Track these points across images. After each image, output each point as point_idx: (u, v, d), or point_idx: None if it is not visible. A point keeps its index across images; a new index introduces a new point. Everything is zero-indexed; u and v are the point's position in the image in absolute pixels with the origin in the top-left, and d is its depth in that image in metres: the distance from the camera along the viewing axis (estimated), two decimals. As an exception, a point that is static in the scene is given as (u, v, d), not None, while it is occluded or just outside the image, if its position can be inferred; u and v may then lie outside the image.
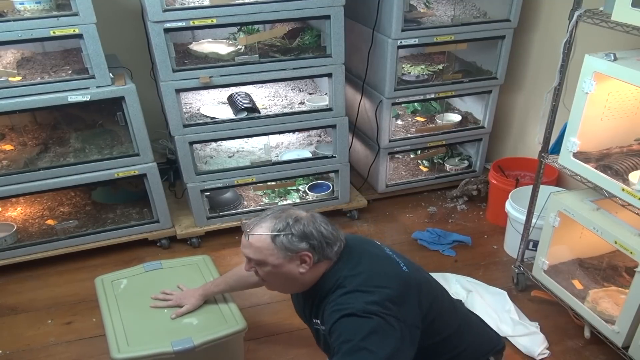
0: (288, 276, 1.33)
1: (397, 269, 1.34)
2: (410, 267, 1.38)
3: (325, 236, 1.30)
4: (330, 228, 1.33)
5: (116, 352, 1.60)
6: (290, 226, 1.29)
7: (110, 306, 1.80)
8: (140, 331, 1.69)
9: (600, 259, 2.13)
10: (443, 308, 1.41)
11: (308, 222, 1.31)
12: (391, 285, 1.27)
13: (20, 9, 2.12)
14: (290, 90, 2.93)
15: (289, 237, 1.28)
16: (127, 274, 1.96)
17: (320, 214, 1.39)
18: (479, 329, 1.53)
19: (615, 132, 1.86)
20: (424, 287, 1.35)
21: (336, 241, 1.32)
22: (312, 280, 1.36)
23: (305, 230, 1.29)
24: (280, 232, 1.28)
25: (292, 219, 1.31)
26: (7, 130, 2.64)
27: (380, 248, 1.45)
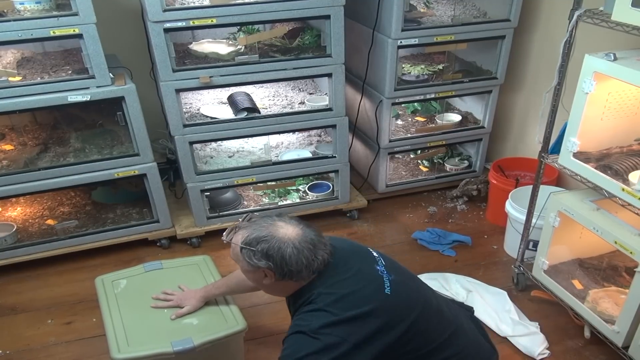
0: (258, 283, 1.40)
1: (376, 292, 1.33)
2: (397, 287, 1.36)
3: (287, 262, 1.30)
4: (307, 255, 1.31)
5: (116, 352, 1.60)
6: (258, 243, 1.32)
7: (111, 306, 1.80)
8: (140, 331, 1.69)
9: (600, 259, 2.13)
10: (426, 327, 1.38)
11: (277, 243, 1.31)
12: (360, 309, 1.27)
13: (20, 9, 2.12)
14: (290, 90, 2.93)
15: (252, 253, 1.32)
16: (127, 274, 1.95)
17: (314, 232, 1.37)
18: (468, 341, 1.48)
19: (615, 132, 1.86)
20: (401, 311, 1.33)
21: (302, 269, 1.31)
22: (286, 290, 1.39)
23: (269, 252, 1.31)
24: (245, 246, 1.33)
25: (264, 235, 1.32)
26: (7, 130, 2.64)
27: (371, 264, 1.40)
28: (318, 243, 1.35)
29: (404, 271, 1.48)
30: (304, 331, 1.24)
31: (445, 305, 1.51)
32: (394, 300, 1.33)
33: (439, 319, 1.43)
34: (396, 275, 1.40)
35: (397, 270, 1.43)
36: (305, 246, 1.32)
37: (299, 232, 1.34)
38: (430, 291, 1.50)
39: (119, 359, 1.59)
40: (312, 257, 1.32)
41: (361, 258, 1.43)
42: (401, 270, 1.46)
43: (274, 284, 1.37)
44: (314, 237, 1.35)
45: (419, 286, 1.46)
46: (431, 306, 1.42)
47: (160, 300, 1.80)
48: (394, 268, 1.43)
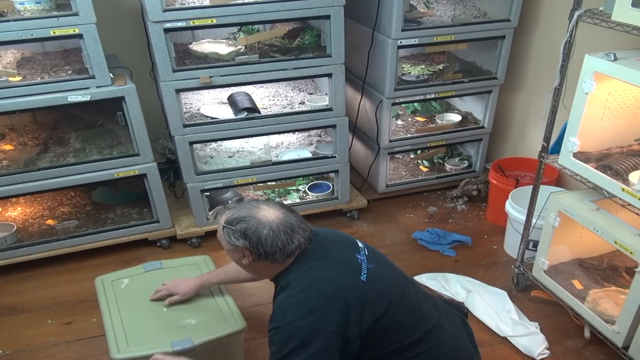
0: (237, 262, 1.45)
1: (352, 278, 1.36)
2: (374, 275, 1.38)
3: (262, 243, 1.35)
4: (283, 238, 1.35)
5: (116, 352, 1.60)
6: (238, 222, 1.37)
7: (110, 306, 1.80)
8: (140, 331, 1.69)
9: (600, 259, 2.13)
10: (402, 318, 1.39)
11: (255, 224, 1.36)
12: (334, 295, 1.30)
13: (20, 9, 2.12)
14: (290, 90, 2.93)
15: (232, 232, 1.38)
16: (127, 274, 1.96)
17: (295, 218, 1.41)
18: (447, 340, 1.47)
19: (615, 132, 1.86)
20: (375, 296, 1.35)
21: (277, 251, 1.36)
22: (264, 271, 1.44)
23: (246, 232, 1.36)
24: (226, 225, 1.39)
25: (244, 216, 1.38)
26: (7, 130, 2.64)
27: (352, 252, 1.43)
28: (297, 228, 1.38)
29: (386, 263, 1.50)
30: (279, 326, 1.28)
31: (430, 302, 1.51)
32: (369, 285, 1.36)
33: (417, 313, 1.44)
34: (376, 265, 1.43)
35: (378, 261, 1.46)
36: (282, 229, 1.36)
37: (279, 216, 1.38)
38: (411, 285, 1.50)
39: (118, 359, 1.59)
40: (288, 240, 1.36)
41: (343, 246, 1.46)
42: (383, 261, 1.49)
43: (251, 264, 1.42)
44: (293, 222, 1.39)
45: (397, 277, 1.47)
46: (408, 298, 1.44)
47: (161, 297, 1.81)
48: (375, 259, 1.46)
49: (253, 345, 2.03)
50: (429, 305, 1.51)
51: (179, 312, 1.77)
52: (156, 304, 1.80)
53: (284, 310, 1.30)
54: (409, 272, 2.41)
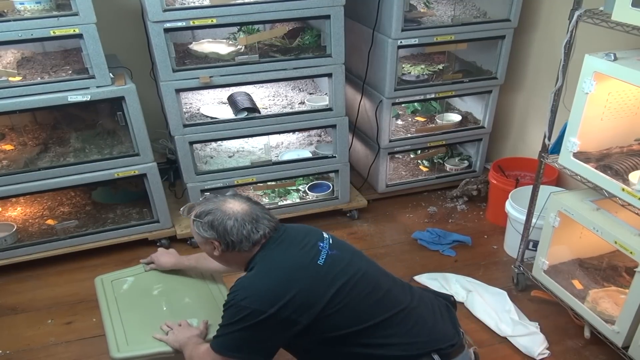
0: (209, 254, 1.53)
1: (307, 262, 1.42)
2: (332, 260, 1.44)
3: (229, 233, 1.44)
4: (248, 227, 1.44)
5: (115, 351, 1.60)
6: (205, 215, 1.46)
7: (110, 306, 1.80)
8: (139, 330, 1.69)
9: (600, 259, 2.13)
10: (359, 301, 1.42)
11: (221, 216, 1.45)
12: (284, 279, 1.38)
13: (20, 9, 2.12)
14: (290, 90, 2.93)
15: (200, 224, 1.46)
16: (127, 274, 1.95)
17: (260, 209, 1.50)
18: (419, 324, 1.46)
19: (615, 132, 1.86)
20: (329, 278, 1.40)
21: (243, 240, 1.44)
22: (235, 261, 1.51)
23: (213, 223, 1.45)
24: (195, 219, 1.48)
25: (211, 209, 1.47)
26: (7, 130, 2.64)
27: (315, 240, 1.49)
28: (261, 218, 1.47)
29: (350, 250, 1.54)
30: (231, 303, 1.38)
31: (403, 288, 1.53)
32: (325, 269, 1.42)
33: (380, 297, 1.45)
34: (338, 251, 1.48)
35: (342, 248, 1.51)
36: (247, 219, 1.45)
37: (244, 208, 1.48)
38: (378, 271, 1.53)
39: (118, 358, 1.59)
40: (253, 229, 1.45)
41: (306, 234, 1.52)
42: (347, 249, 1.53)
43: (222, 255, 1.49)
44: (258, 213, 1.48)
45: (359, 262, 1.50)
46: (370, 282, 1.46)
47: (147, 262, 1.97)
48: (339, 246, 1.51)
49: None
50: (400, 291, 1.51)
51: (179, 311, 1.77)
52: (156, 304, 1.80)
53: (237, 289, 1.39)
54: (409, 272, 2.42)
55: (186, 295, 1.85)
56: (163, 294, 1.85)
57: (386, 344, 1.42)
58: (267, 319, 1.34)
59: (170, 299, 1.83)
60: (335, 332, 1.41)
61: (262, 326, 1.35)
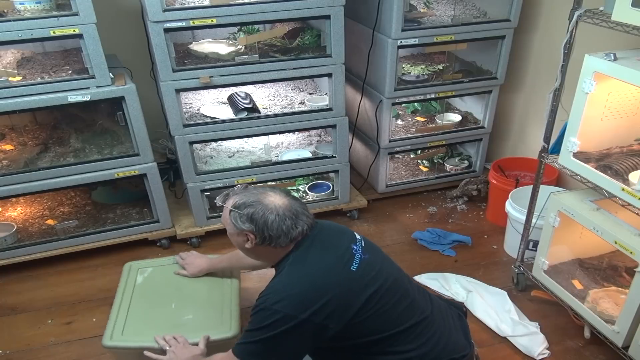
0: (240, 246, 1.49)
1: (340, 268, 1.39)
2: (364, 266, 1.41)
3: (268, 227, 1.39)
4: (288, 223, 1.40)
5: (108, 339, 1.69)
6: (245, 207, 1.42)
7: (125, 294, 1.89)
8: (139, 323, 1.75)
9: (600, 259, 2.13)
10: (387, 308, 1.41)
11: (262, 209, 1.41)
12: (318, 285, 1.35)
13: (20, 9, 2.12)
14: (290, 90, 2.93)
15: (238, 215, 1.42)
16: (156, 264, 2.04)
17: (299, 205, 1.46)
18: (437, 333, 1.47)
19: (615, 132, 1.86)
20: (360, 286, 1.38)
21: (281, 235, 1.40)
22: (265, 256, 1.48)
23: (254, 216, 1.40)
24: (234, 209, 1.43)
25: (252, 201, 1.43)
26: (7, 130, 2.64)
27: (349, 242, 1.46)
28: (301, 214, 1.43)
29: (380, 255, 1.52)
30: (263, 307, 1.34)
31: (424, 296, 1.53)
32: (357, 275, 1.39)
33: (407, 304, 1.45)
34: (370, 255, 1.46)
35: (373, 252, 1.49)
36: (287, 215, 1.41)
37: (285, 202, 1.43)
38: (406, 278, 1.53)
39: (107, 346, 1.68)
40: (293, 225, 1.41)
41: (341, 236, 1.49)
42: (378, 253, 1.51)
43: (254, 249, 1.45)
44: (298, 209, 1.44)
45: (390, 268, 1.49)
46: (399, 289, 1.46)
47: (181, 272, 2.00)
48: (371, 250, 1.49)
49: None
50: (423, 299, 1.52)
51: (185, 308, 1.82)
52: (166, 298, 1.86)
53: (269, 293, 1.37)
54: (409, 272, 2.40)
55: (198, 292, 1.90)
56: (177, 289, 1.91)
57: (406, 351, 1.41)
58: (298, 325, 1.31)
59: (183, 294, 1.88)
60: (361, 339, 1.39)
61: (292, 332, 1.31)
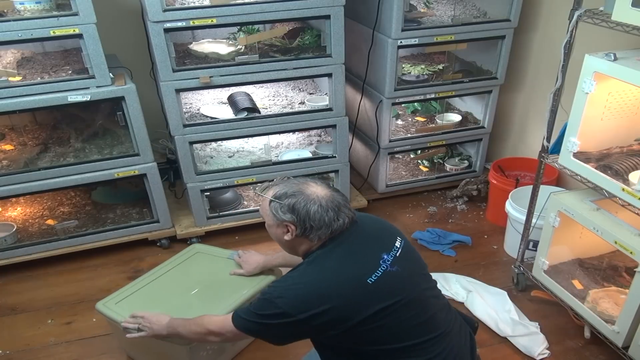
0: (278, 238, 1.47)
1: (357, 277, 1.35)
2: (386, 278, 1.36)
3: (311, 218, 1.37)
4: (330, 215, 1.38)
5: (101, 304, 1.83)
6: (286, 197, 1.40)
7: (157, 272, 1.99)
8: (141, 300, 1.85)
9: (600, 259, 2.13)
10: (398, 323, 1.37)
11: (304, 199, 1.38)
12: (325, 293, 1.33)
13: (20, 9, 2.12)
14: (290, 90, 2.93)
15: (279, 206, 1.40)
16: (214, 252, 2.11)
17: (341, 197, 1.43)
18: (444, 353, 1.43)
19: (616, 132, 1.86)
20: (372, 300, 1.34)
21: (323, 227, 1.38)
22: (301, 249, 1.46)
23: (295, 206, 1.38)
24: (274, 200, 1.41)
25: (293, 191, 1.40)
26: (7, 130, 2.64)
27: (380, 250, 1.40)
28: (343, 207, 1.40)
29: (412, 267, 1.46)
30: (267, 297, 1.36)
31: (444, 311, 1.48)
32: (372, 288, 1.35)
33: (422, 320, 1.40)
34: (399, 267, 1.40)
35: (405, 264, 1.42)
36: (330, 206, 1.38)
37: (327, 193, 1.41)
38: (430, 291, 1.47)
39: (96, 308, 1.82)
40: (335, 217, 1.38)
41: (375, 242, 1.44)
42: (409, 266, 1.44)
43: (293, 241, 1.42)
44: (340, 201, 1.41)
45: (414, 283, 1.43)
46: (418, 305, 1.40)
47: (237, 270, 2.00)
48: (404, 261, 1.42)
49: (253, 345, 2.03)
50: (444, 314, 1.47)
51: (202, 297, 1.87)
52: (193, 285, 1.92)
53: (278, 284, 1.38)
54: (409, 272, 2.42)
55: (228, 285, 1.94)
56: (210, 278, 1.96)
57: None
58: (295, 323, 1.32)
59: (211, 284, 1.94)
60: (365, 347, 1.37)
61: (289, 326, 1.34)
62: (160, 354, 1.82)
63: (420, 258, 1.52)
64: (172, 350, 1.73)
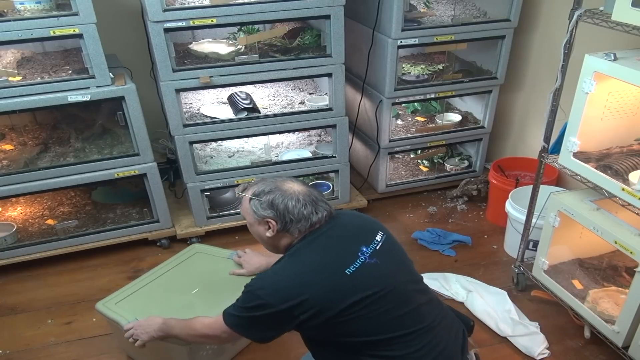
0: (260, 236, 1.51)
1: (335, 268, 1.37)
2: (364, 270, 1.38)
3: (289, 211, 1.42)
4: (308, 208, 1.43)
5: (101, 303, 1.84)
6: (264, 194, 1.45)
7: (157, 272, 1.99)
8: (141, 300, 1.85)
9: (600, 259, 2.13)
10: (377, 313, 1.38)
11: (282, 195, 1.44)
12: (304, 284, 1.36)
13: (20, 8, 2.12)
14: (290, 90, 2.93)
15: (259, 203, 1.45)
16: (214, 252, 2.11)
17: (317, 192, 1.48)
18: (425, 347, 1.42)
19: (615, 132, 1.86)
20: (349, 290, 1.36)
21: (302, 220, 1.43)
22: (283, 245, 1.49)
23: (274, 201, 1.44)
24: (254, 197, 1.47)
25: (271, 188, 1.46)
26: (7, 130, 2.64)
27: (360, 243, 1.43)
28: (320, 202, 1.46)
29: (394, 259, 1.48)
30: (249, 290, 1.39)
31: (431, 305, 1.48)
32: (349, 279, 1.37)
33: (404, 312, 1.41)
34: (379, 260, 1.42)
35: (385, 257, 1.44)
36: (307, 200, 1.44)
37: (303, 189, 1.47)
38: (413, 284, 1.48)
39: (96, 308, 1.84)
40: (313, 210, 1.44)
41: (355, 235, 1.47)
42: (390, 258, 1.46)
43: (274, 237, 1.47)
44: (317, 196, 1.47)
45: (394, 276, 1.44)
46: (397, 297, 1.41)
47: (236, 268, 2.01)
48: (384, 254, 1.44)
49: (253, 346, 2.03)
50: (430, 308, 1.47)
51: (202, 297, 1.87)
52: (193, 285, 1.92)
53: (259, 278, 1.43)
54: (409, 272, 2.42)
55: (229, 284, 1.93)
56: (211, 278, 1.96)
57: (393, 357, 1.39)
58: (278, 313, 1.35)
59: (213, 284, 1.94)
60: (346, 338, 1.39)
61: (273, 317, 1.36)
62: (160, 354, 1.82)
63: (404, 253, 1.55)
64: (172, 350, 1.73)
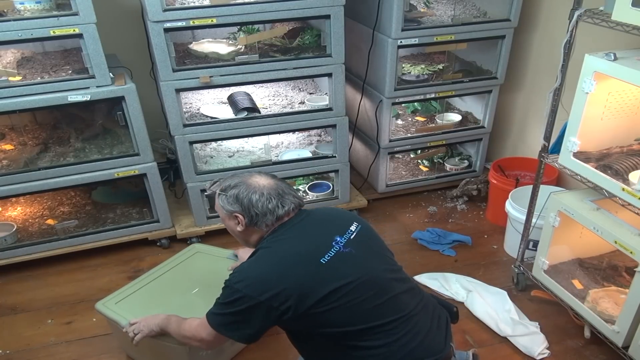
0: (233, 230, 1.54)
1: (310, 258, 1.38)
2: (339, 259, 1.39)
3: (254, 205, 1.44)
4: (273, 202, 1.44)
5: (101, 303, 1.85)
6: (230, 189, 1.48)
7: (156, 272, 1.99)
8: (141, 301, 1.85)
9: (600, 259, 2.13)
10: (353, 303, 1.38)
11: (246, 189, 1.46)
12: (280, 274, 1.36)
13: (20, 8, 2.12)
14: (290, 90, 2.93)
15: (225, 198, 1.48)
16: (214, 252, 2.12)
17: (286, 186, 1.50)
18: (406, 335, 1.41)
19: (615, 132, 1.86)
20: (325, 280, 1.36)
21: (267, 214, 1.44)
22: (255, 239, 1.51)
23: (239, 196, 1.46)
24: (221, 193, 1.50)
25: (236, 183, 1.48)
26: (7, 130, 2.64)
27: (333, 233, 1.44)
28: (287, 194, 1.47)
29: (369, 248, 1.48)
30: (228, 285, 1.40)
31: (411, 293, 1.48)
32: (324, 269, 1.38)
33: (383, 301, 1.41)
34: (353, 249, 1.43)
35: (359, 246, 1.44)
36: (272, 194, 1.45)
37: (270, 182, 1.48)
38: (390, 273, 1.47)
39: (96, 308, 1.84)
40: (278, 204, 1.45)
41: (327, 225, 1.48)
42: (365, 247, 1.46)
43: (245, 231, 1.49)
44: (284, 189, 1.48)
45: (371, 265, 1.44)
46: (374, 286, 1.41)
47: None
48: (359, 244, 1.45)
49: (253, 345, 2.03)
50: (409, 297, 1.47)
51: (203, 296, 1.87)
52: (193, 284, 1.93)
53: (236, 272, 1.42)
54: (409, 272, 2.40)
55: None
56: (212, 278, 1.93)
57: (374, 346, 1.39)
58: (258, 305, 1.35)
59: (213, 283, 1.87)
60: (326, 329, 1.39)
61: (254, 310, 1.36)
62: (160, 354, 1.82)
63: (382, 244, 1.55)
64: (172, 350, 1.73)
